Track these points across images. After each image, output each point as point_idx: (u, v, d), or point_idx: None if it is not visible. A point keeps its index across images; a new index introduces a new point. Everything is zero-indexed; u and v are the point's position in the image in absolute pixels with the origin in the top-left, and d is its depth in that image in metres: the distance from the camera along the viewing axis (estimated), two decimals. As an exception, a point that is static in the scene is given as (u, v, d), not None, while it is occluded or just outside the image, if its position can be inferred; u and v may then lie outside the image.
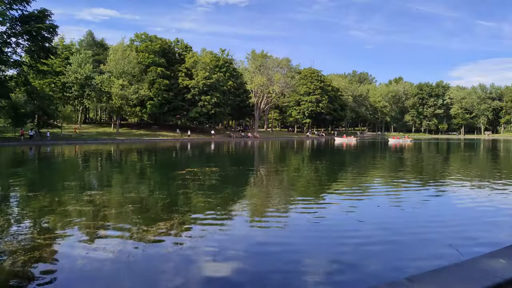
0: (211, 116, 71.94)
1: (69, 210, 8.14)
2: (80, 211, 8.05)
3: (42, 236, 6.17)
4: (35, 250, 5.47)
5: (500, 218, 7.81)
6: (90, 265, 4.99)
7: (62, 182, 13.06)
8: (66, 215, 7.76)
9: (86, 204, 8.80)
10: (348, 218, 7.78)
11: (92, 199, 9.40)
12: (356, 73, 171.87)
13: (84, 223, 7.12)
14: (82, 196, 9.82)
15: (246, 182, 13.90)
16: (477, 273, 3.84)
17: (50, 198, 9.65)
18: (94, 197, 9.71)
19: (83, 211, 8.06)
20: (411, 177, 15.24)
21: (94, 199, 9.41)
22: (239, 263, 5.19)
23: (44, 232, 6.48)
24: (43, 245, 5.73)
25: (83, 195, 9.90)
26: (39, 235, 6.23)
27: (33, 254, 5.30)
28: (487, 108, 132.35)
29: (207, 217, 7.80)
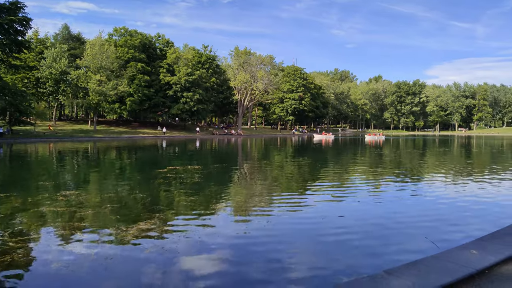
0: (193, 113, 71.23)
1: (43, 211, 7.89)
2: (54, 212, 7.78)
3: (14, 239, 5.96)
4: (6, 254, 5.27)
5: (473, 211, 8.10)
6: (66, 269, 4.85)
7: (36, 181, 12.66)
8: (39, 216, 7.54)
9: (61, 204, 8.50)
10: (329, 213, 7.90)
11: (67, 200, 9.09)
12: (338, 71, 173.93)
13: (59, 224, 6.90)
14: (57, 196, 9.46)
15: (229, 179, 13.88)
16: (452, 265, 3.98)
17: (22, 198, 9.30)
18: (70, 197, 9.37)
19: (58, 212, 7.79)
20: (388, 172, 15.55)
21: (70, 200, 9.10)
22: (222, 260, 5.20)
23: (16, 234, 6.24)
24: (15, 248, 5.52)
25: (58, 195, 9.56)
26: (11, 238, 6.02)
27: (4, 258, 5.10)
28: (460, 105, 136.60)
29: (189, 216, 7.76)
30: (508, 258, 4.22)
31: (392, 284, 3.48)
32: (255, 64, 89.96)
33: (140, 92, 64.48)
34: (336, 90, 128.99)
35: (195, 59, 76.09)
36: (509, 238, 4.86)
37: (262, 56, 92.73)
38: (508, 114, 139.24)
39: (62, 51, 58.06)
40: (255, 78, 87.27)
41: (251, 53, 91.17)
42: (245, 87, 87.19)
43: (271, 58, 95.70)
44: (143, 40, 69.87)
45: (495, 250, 4.41)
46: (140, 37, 69.62)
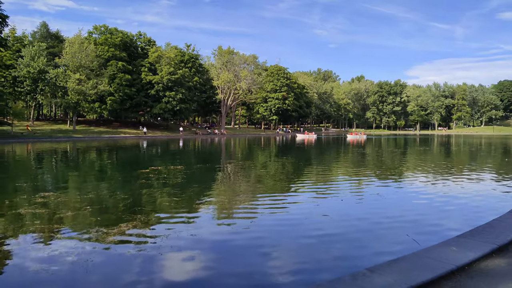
0: (176, 112, 70.48)
1: (21, 214, 7.63)
2: (33, 214, 7.54)
3: (-8, 242, 5.74)
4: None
5: (452, 208, 8.28)
6: (45, 272, 4.72)
7: (13, 183, 12.26)
8: (17, 218, 7.29)
9: (40, 206, 8.25)
10: (313, 213, 7.92)
11: (46, 201, 8.83)
12: (320, 71, 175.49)
13: (37, 227, 6.69)
14: (35, 198, 9.17)
15: (213, 179, 13.79)
16: (432, 261, 4.03)
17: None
18: (48, 199, 9.11)
19: (37, 214, 7.55)
20: (370, 171, 15.76)
21: (49, 201, 8.85)
22: (205, 261, 5.15)
23: (-5, 236, 6.01)
24: (-7, 251, 5.32)
25: (37, 197, 9.27)
26: (-12, 240, 5.79)
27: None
28: (440, 105, 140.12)
29: (172, 216, 7.65)
30: (487, 254, 4.32)
31: (375, 281, 3.51)
32: (239, 63, 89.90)
33: (121, 91, 63.34)
34: (319, 90, 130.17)
35: (178, 58, 75.31)
36: (487, 235, 4.97)
37: (245, 55, 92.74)
38: (486, 113, 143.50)
39: (41, 49, 56.44)
40: (238, 77, 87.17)
41: (234, 52, 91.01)
42: (228, 86, 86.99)
43: (254, 57, 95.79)
44: (124, 38, 68.68)
45: (474, 246, 4.50)
46: (121, 35, 68.39)
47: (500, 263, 4.12)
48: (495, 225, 5.47)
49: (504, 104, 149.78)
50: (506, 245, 4.62)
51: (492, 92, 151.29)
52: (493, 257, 4.29)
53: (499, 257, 4.30)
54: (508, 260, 4.21)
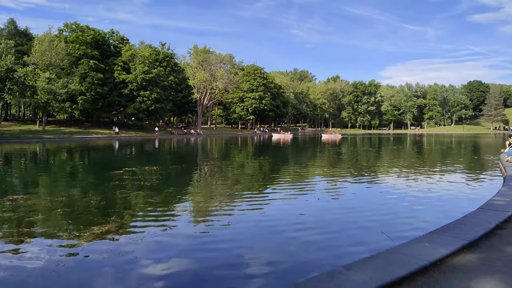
0: (151, 112, 69.19)
1: (-11, 217, 7.25)
2: (1, 218, 7.21)
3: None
4: None
5: (425, 206, 8.50)
6: (15, 277, 4.51)
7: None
8: (-16, 222, 6.92)
9: (8, 210, 7.89)
10: (289, 212, 7.94)
11: (15, 204, 8.45)
12: (297, 71, 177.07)
13: (6, 231, 6.40)
14: (3, 201, 8.77)
15: (189, 180, 13.60)
16: (406, 257, 4.10)
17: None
18: (17, 202, 8.72)
19: (5, 218, 7.22)
20: (345, 170, 16.01)
21: (18, 204, 8.47)
22: (181, 262, 5.06)
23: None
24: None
25: (4, 200, 8.87)
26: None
27: None
28: (412, 105, 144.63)
29: (147, 219, 7.48)
30: (458, 250, 4.44)
31: (351, 279, 3.54)
32: (215, 62, 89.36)
33: (93, 90, 61.61)
34: (296, 90, 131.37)
35: (152, 56, 74.04)
36: (458, 231, 5.11)
37: (221, 54, 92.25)
38: (456, 113, 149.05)
39: (8, 47, 53.94)
40: (214, 77, 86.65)
41: (210, 51, 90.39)
42: (204, 86, 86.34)
43: (230, 57, 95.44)
44: (96, 36, 66.80)
45: (446, 242, 4.62)
46: (92, 33, 66.46)
47: (471, 258, 4.25)
48: (466, 222, 5.63)
49: (473, 104, 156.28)
50: (476, 241, 4.77)
51: (462, 92, 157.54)
52: (464, 253, 4.42)
53: (470, 253, 4.43)
54: (478, 255, 4.34)
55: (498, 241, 4.83)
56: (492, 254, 4.37)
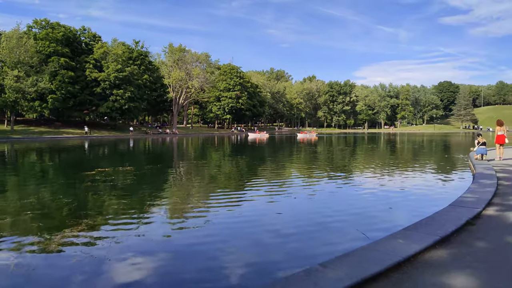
0: (124, 111, 67.74)
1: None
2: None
3: None
4: None
5: (398, 203, 8.70)
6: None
7: None
8: None
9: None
10: (266, 211, 7.94)
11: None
12: (273, 71, 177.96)
13: (-31, 235, 6.06)
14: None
15: (164, 180, 13.37)
16: (381, 254, 4.17)
17: None
18: (-18, 204, 8.31)
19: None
20: (321, 168, 16.20)
21: (-17, 207, 8.07)
22: (156, 264, 4.94)
23: None
24: None
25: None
26: None
27: None
28: (386, 105, 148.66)
29: (121, 220, 7.28)
30: (430, 246, 4.55)
31: (327, 276, 3.56)
32: (190, 61, 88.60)
33: (64, 89, 59.71)
34: (272, 89, 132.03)
35: (126, 54, 72.51)
36: (430, 227, 5.25)
37: (197, 53, 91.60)
38: (428, 112, 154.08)
39: (-26, 45, 51.61)
40: (190, 76, 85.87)
41: (186, 50, 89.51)
42: (180, 85, 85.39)
43: (207, 56, 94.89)
44: (67, 33, 64.72)
45: (419, 238, 4.73)
46: (63, 30, 64.36)
47: (443, 254, 4.36)
48: (437, 218, 5.79)
49: (444, 104, 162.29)
50: (447, 237, 4.91)
51: (433, 93, 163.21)
52: (436, 248, 4.53)
53: (441, 248, 4.55)
54: (450, 251, 4.47)
55: (468, 237, 4.99)
56: (463, 249, 4.51)
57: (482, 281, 3.59)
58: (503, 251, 4.43)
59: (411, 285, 3.51)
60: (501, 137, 16.39)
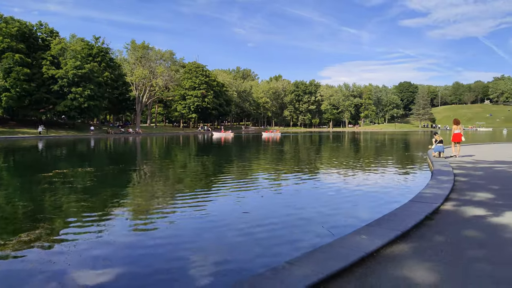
0: (84, 110, 65.01)
1: None
2: None
3: None
4: None
5: (361, 199, 8.95)
6: None
7: None
8: None
9: None
10: (233, 210, 7.88)
11: None
12: (240, 69, 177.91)
13: None
14: None
15: (127, 181, 12.95)
16: (345, 250, 4.25)
17: None
18: None
19: None
20: (287, 167, 16.36)
21: None
22: (120, 268, 4.76)
23: None
24: None
25: None
26: None
27: None
28: (350, 104, 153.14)
29: (81, 223, 6.97)
30: (392, 240, 4.70)
31: (294, 274, 3.58)
32: (154, 59, 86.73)
33: (19, 86, 56.39)
34: (239, 88, 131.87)
35: (85, 51, 69.72)
36: (392, 223, 5.42)
37: (161, 51, 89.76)
38: (389, 112, 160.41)
39: None
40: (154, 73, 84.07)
41: (149, 47, 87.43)
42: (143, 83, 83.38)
43: (171, 53, 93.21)
44: (22, 28, 61.15)
45: (381, 234, 4.86)
46: (18, 25, 60.70)
47: (404, 248, 4.52)
48: (398, 214, 5.99)
49: (404, 104, 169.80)
50: (408, 231, 5.09)
51: (394, 93, 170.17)
52: (398, 243, 4.69)
53: (402, 243, 4.71)
54: (410, 245, 4.64)
55: (428, 231, 5.20)
56: (423, 243, 4.69)
57: (441, 274, 3.75)
58: (460, 244, 4.65)
59: (374, 280, 3.60)
60: (458, 135, 17.32)
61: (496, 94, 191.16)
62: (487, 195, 7.84)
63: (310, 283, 3.39)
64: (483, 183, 9.50)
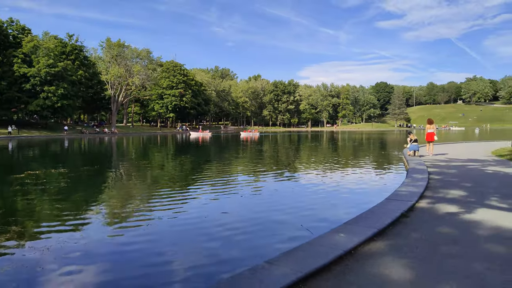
0: (57, 109, 63.04)
1: None
2: None
3: None
4: None
5: (340, 198, 9.06)
6: None
7: None
8: None
9: None
10: (212, 211, 7.81)
11: None
12: (218, 69, 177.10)
13: None
14: None
15: (103, 182, 12.63)
16: (324, 248, 4.28)
17: None
18: None
19: None
20: (266, 167, 16.39)
21: None
22: (95, 271, 4.63)
23: None
24: None
25: None
26: None
27: None
28: (328, 104, 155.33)
29: (55, 226, 6.74)
30: (369, 238, 4.78)
31: (273, 273, 3.58)
32: (130, 57, 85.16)
33: (-12, 85, 54.18)
34: (218, 88, 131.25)
35: (58, 49, 67.69)
36: (369, 221, 5.51)
37: (138, 49, 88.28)
38: (366, 111, 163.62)
39: None
40: (130, 72, 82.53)
41: (125, 45, 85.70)
42: (119, 81, 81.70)
43: (148, 52, 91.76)
44: (-8, 24, 58.81)
45: (358, 232, 4.93)
46: (-14, 21, 58.37)
47: (381, 245, 4.60)
48: (375, 212, 6.10)
49: (381, 103, 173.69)
50: (384, 229, 5.19)
51: (371, 93, 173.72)
52: (375, 240, 4.77)
53: (379, 240, 4.79)
54: (387, 242, 4.72)
55: (403, 228, 5.32)
56: (399, 240, 4.79)
57: (416, 270, 3.83)
58: (434, 241, 4.77)
59: (352, 277, 3.64)
60: (431, 135, 17.85)
61: (469, 95, 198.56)
62: (460, 192, 8.10)
63: (289, 282, 3.39)
64: (456, 180, 9.81)
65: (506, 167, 12.59)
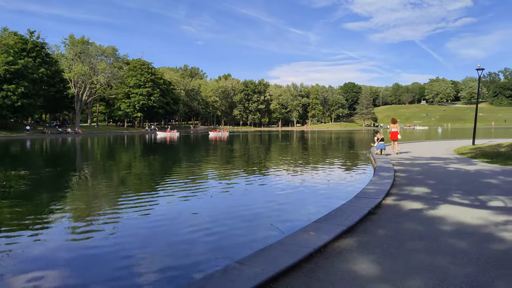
0: (17, 108, 59.93)
1: None
2: None
3: None
4: None
5: (309, 197, 9.17)
6: None
7: None
8: None
9: None
10: (182, 212, 7.69)
11: None
12: (187, 68, 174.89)
13: None
14: None
15: (66, 184, 12.11)
16: (295, 246, 4.32)
17: None
18: None
19: None
20: (236, 167, 16.36)
21: None
22: (60, 277, 4.42)
23: None
24: None
25: None
26: None
27: None
28: (298, 104, 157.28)
29: (15, 230, 6.39)
30: (338, 235, 4.86)
31: (244, 273, 3.58)
32: (95, 55, 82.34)
33: None
34: (187, 87, 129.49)
35: (18, 45, 64.42)
36: (338, 218, 5.62)
37: (103, 46, 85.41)
38: (335, 111, 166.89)
39: None
40: (95, 70, 79.86)
41: (89, 42, 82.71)
42: (83, 80, 78.86)
43: (114, 49, 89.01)
44: None
45: (328, 229, 5.01)
46: None
47: (349, 242, 4.69)
48: (344, 210, 6.21)
49: (349, 103, 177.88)
50: (353, 226, 5.30)
51: (339, 93, 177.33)
52: (344, 238, 4.86)
53: (348, 237, 4.89)
54: (355, 239, 4.83)
55: (371, 225, 5.46)
56: (367, 237, 4.91)
57: (383, 265, 3.94)
58: (400, 237, 4.93)
59: (322, 274, 3.68)
60: (395, 134, 18.48)
61: (432, 95, 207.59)
62: (424, 189, 8.42)
63: (260, 282, 3.39)
64: (420, 178, 10.20)
65: (467, 165, 13.23)
